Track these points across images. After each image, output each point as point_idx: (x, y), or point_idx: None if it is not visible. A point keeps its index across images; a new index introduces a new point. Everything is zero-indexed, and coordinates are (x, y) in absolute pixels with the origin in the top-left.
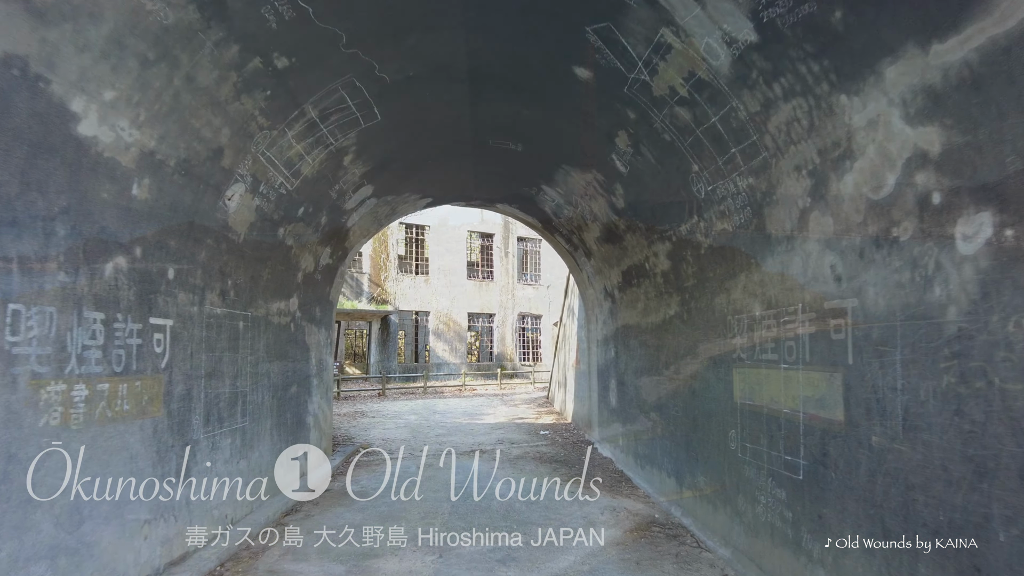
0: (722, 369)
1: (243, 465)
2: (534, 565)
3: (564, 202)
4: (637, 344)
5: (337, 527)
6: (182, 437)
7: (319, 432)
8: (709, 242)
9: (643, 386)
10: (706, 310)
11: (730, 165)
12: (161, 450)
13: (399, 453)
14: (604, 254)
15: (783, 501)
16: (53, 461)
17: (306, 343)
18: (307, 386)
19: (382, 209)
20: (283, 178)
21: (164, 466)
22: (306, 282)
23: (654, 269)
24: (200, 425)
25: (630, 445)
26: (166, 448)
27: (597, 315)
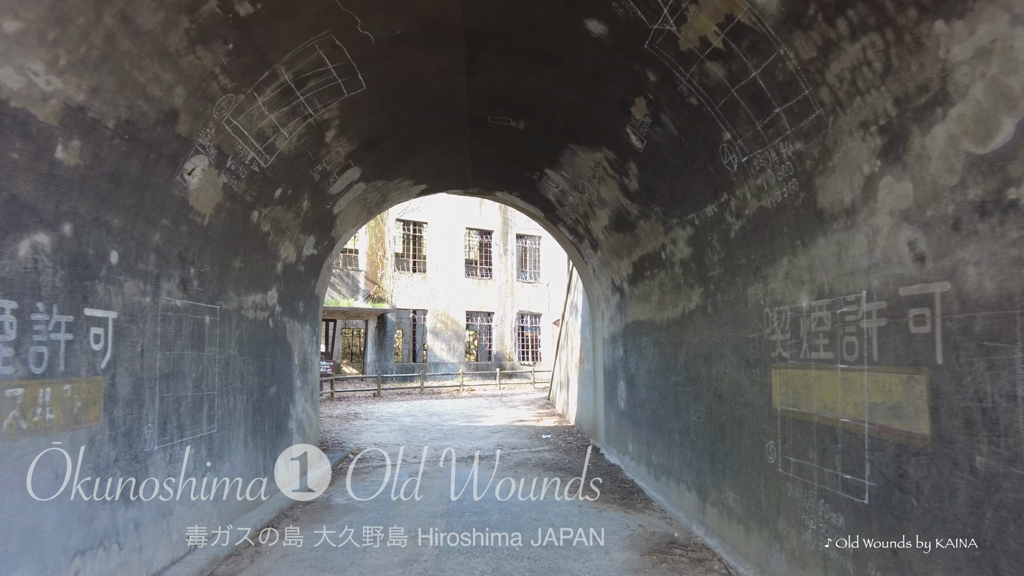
0: (757, 370)
1: (210, 479)
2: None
3: (569, 187)
4: (650, 342)
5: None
6: (129, 449)
7: (303, 438)
8: (741, 224)
9: (657, 388)
10: (736, 302)
11: (772, 129)
12: (100, 466)
13: (396, 458)
14: (613, 244)
15: (840, 528)
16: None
17: (287, 341)
18: (289, 388)
19: (372, 196)
20: (255, 153)
21: (104, 485)
22: (287, 274)
23: (671, 258)
24: (154, 435)
25: (642, 452)
26: (107, 464)
27: (603, 311)
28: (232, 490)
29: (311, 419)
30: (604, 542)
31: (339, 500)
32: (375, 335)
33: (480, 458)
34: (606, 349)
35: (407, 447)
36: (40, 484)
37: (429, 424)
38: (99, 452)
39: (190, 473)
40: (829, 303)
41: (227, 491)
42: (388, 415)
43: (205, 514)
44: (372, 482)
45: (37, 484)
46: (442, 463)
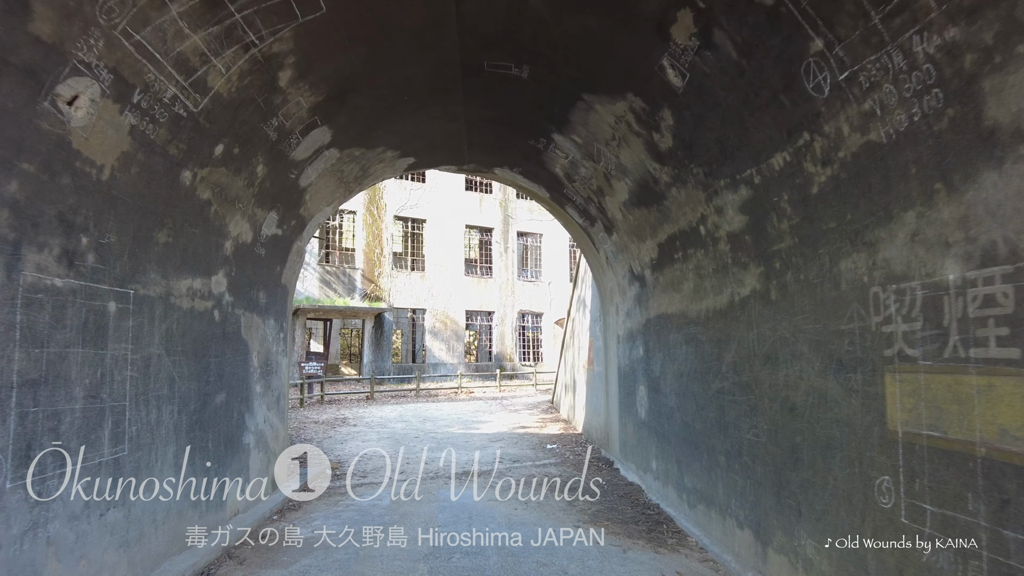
0: (858, 374)
1: (116, 518)
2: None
3: (581, 156)
4: (681, 339)
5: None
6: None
7: (266, 454)
8: (831, 173)
9: (692, 395)
10: (818, 282)
11: (901, 18)
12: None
13: (380, 475)
14: (633, 223)
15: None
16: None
17: (242, 338)
18: (245, 395)
19: (349, 167)
20: (177, 89)
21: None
22: (240, 256)
23: (715, 232)
24: (5, 468)
25: (670, 472)
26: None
27: (618, 305)
28: (153, 528)
29: (277, 431)
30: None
31: (301, 533)
32: (372, 335)
33: (478, 474)
34: (621, 348)
35: (394, 460)
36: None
37: (423, 431)
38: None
39: (79, 515)
40: (1010, 272)
41: (143, 531)
42: (379, 420)
43: (103, 567)
44: (347, 507)
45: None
46: (432, 481)
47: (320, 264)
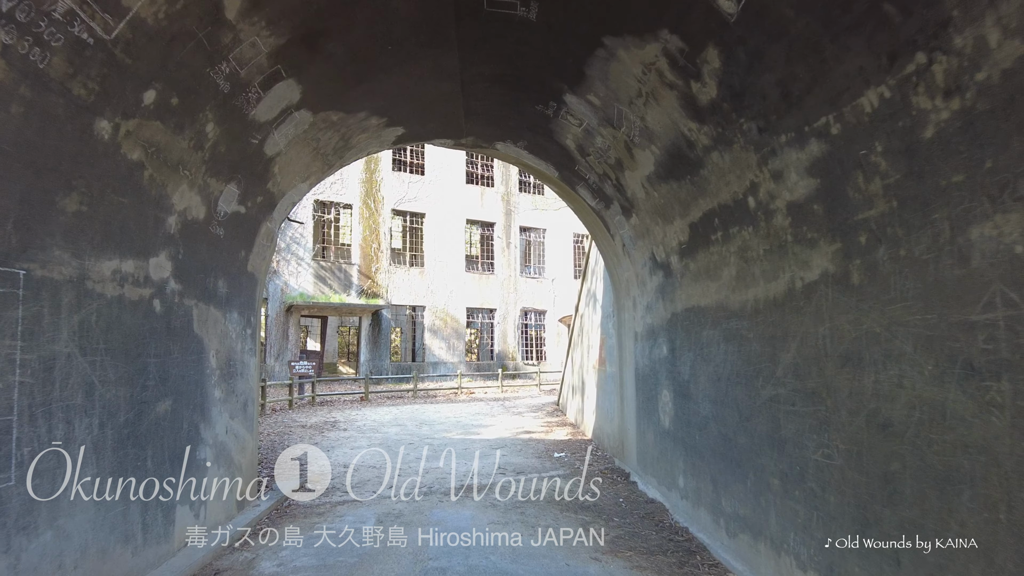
0: (1004, 383)
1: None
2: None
3: (598, 122)
4: (718, 336)
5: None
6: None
7: (229, 470)
8: (959, 105)
9: (734, 403)
10: (932, 257)
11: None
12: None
13: (363, 492)
14: (658, 202)
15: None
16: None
17: (195, 333)
18: (199, 401)
19: (326, 136)
20: (75, 4)
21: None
22: (191, 236)
23: (768, 204)
24: None
25: (703, 492)
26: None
27: (636, 298)
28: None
29: (244, 443)
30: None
31: (268, 568)
32: (369, 333)
33: (477, 488)
34: (639, 347)
35: (380, 472)
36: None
37: (418, 437)
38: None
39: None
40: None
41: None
42: (372, 424)
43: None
44: (325, 531)
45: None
46: (424, 499)
47: (315, 259)
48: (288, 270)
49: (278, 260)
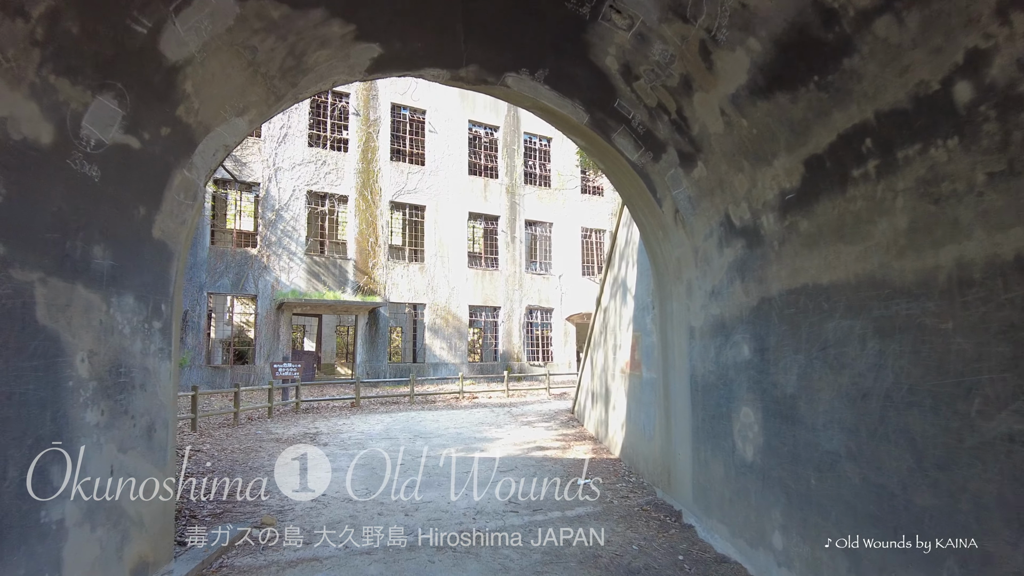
0: None
1: None
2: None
3: (659, 16)
4: (860, 328)
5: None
6: None
7: (115, 530)
8: None
9: (905, 437)
10: None
11: None
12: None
13: (322, 549)
14: (747, 133)
15: None
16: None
17: (42, 327)
18: (45, 431)
19: (266, 44)
20: None
21: None
22: (23, 166)
23: (1008, 89)
24: None
25: (823, 566)
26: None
27: (693, 281)
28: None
29: (150, 487)
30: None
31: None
32: (366, 332)
33: (482, 538)
34: (698, 347)
35: (355, 511)
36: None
37: (411, 454)
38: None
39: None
40: None
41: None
42: (358, 437)
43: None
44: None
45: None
46: (410, 554)
47: (308, 254)
48: (279, 265)
49: (268, 254)
